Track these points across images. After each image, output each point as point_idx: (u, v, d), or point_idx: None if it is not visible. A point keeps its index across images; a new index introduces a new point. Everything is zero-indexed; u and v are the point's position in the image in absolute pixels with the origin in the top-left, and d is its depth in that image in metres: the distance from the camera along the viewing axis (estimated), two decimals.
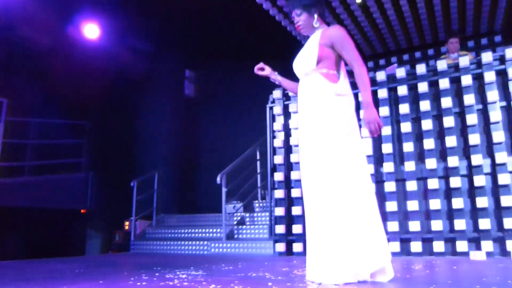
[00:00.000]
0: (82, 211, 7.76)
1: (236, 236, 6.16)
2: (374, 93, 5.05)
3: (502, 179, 4.28)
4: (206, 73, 9.17)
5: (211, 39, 8.46)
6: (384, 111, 4.91)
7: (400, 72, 4.94)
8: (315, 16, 2.82)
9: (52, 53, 7.17)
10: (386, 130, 4.89)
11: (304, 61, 2.78)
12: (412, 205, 4.60)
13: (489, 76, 4.50)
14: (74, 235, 7.64)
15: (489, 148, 4.48)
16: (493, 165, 4.40)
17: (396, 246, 4.59)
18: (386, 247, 2.54)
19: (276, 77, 3.12)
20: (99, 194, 7.81)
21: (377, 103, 5.02)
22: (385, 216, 4.72)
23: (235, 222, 6.44)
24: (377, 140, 4.96)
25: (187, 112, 9.06)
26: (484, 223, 4.26)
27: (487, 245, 4.22)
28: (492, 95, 4.46)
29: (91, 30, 7.62)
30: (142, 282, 2.76)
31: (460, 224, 4.36)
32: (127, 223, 7.34)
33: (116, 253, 6.95)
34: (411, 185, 4.66)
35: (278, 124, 5.57)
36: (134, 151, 7.98)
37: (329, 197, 2.52)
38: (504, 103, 4.50)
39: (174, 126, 8.67)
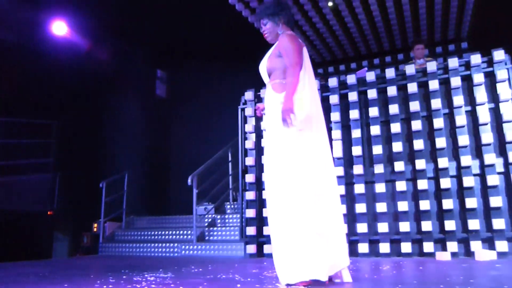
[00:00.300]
0: (49, 213, 7.57)
1: (207, 238, 6.12)
2: (345, 96, 5.12)
3: (467, 181, 4.39)
4: (178, 73, 9.09)
5: (184, 39, 8.40)
6: (354, 114, 4.97)
7: (370, 76, 5.02)
8: (280, 24, 2.92)
9: (18, 50, 6.97)
10: (356, 133, 4.95)
11: (262, 74, 2.95)
12: (381, 207, 4.68)
13: (455, 81, 4.62)
14: (40, 237, 7.44)
15: (455, 152, 4.60)
16: (459, 168, 4.51)
17: (365, 247, 4.65)
18: (346, 249, 2.60)
19: None
20: (66, 195, 7.63)
21: (347, 106, 5.09)
22: (355, 218, 4.79)
23: (206, 224, 6.41)
24: (347, 143, 5.03)
25: (158, 113, 8.96)
26: (450, 225, 4.37)
27: (452, 246, 4.33)
28: (458, 100, 4.58)
29: (59, 27, 7.42)
30: (109, 285, 2.71)
31: (426, 225, 4.46)
32: (95, 225, 7.21)
33: (84, 256, 6.81)
34: (380, 187, 4.73)
35: (250, 125, 5.57)
36: (103, 152, 7.84)
37: (285, 198, 2.57)
38: (469, 108, 4.62)
39: (144, 127, 8.57)
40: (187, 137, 8.77)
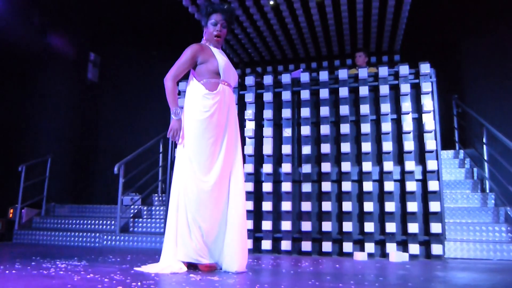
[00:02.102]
0: None
1: (131, 229, 5.96)
2: (279, 95, 5.16)
3: (388, 186, 4.59)
4: (112, 58, 8.73)
5: (119, 23, 8.11)
6: (286, 113, 5.03)
7: (304, 77, 5.10)
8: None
9: None
10: (287, 132, 5.01)
11: (234, 79, 3.24)
12: (306, 206, 4.77)
13: (384, 89, 4.81)
14: None
15: (379, 157, 4.78)
16: (381, 172, 4.70)
17: (288, 244, 4.72)
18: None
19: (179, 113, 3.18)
20: None
21: (280, 104, 5.13)
22: (280, 216, 4.85)
23: (131, 215, 6.23)
24: (278, 141, 5.08)
25: (89, 97, 8.54)
26: (369, 226, 4.54)
27: (370, 247, 4.50)
28: (385, 107, 4.77)
29: None
30: (12, 270, 2.55)
31: (347, 226, 4.60)
32: (11, 210, 6.78)
33: None
34: (306, 187, 4.82)
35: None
36: (25, 133, 7.33)
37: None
38: (394, 116, 4.83)
39: (73, 110, 8.13)
40: (117, 124, 8.47)
